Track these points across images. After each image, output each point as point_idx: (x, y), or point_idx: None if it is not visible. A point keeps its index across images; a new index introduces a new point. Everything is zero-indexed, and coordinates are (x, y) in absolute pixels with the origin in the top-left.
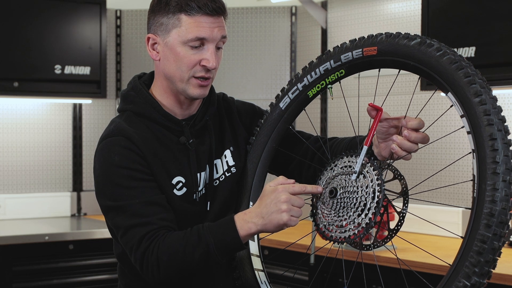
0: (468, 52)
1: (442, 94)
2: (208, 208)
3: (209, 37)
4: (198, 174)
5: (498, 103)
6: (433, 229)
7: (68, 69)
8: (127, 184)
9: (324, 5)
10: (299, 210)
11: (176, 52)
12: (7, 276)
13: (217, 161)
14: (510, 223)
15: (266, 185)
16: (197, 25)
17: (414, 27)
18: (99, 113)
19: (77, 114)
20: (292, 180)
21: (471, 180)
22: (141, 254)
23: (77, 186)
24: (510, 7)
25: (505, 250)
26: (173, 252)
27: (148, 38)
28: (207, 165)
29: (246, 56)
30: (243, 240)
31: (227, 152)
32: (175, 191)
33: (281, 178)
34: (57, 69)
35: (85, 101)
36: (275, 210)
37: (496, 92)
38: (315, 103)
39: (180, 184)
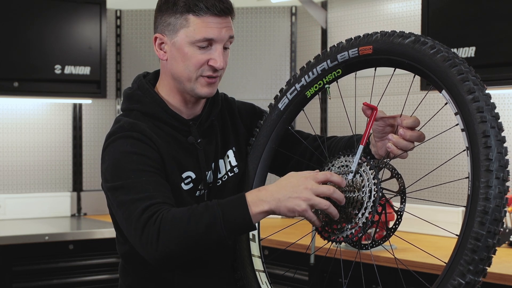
0: (468, 52)
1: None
2: None
3: (217, 37)
4: (207, 173)
5: (492, 100)
6: (433, 229)
7: (68, 69)
8: (135, 167)
9: (324, 5)
10: (324, 202)
11: (184, 52)
12: (7, 276)
13: (220, 161)
14: (505, 221)
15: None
16: (205, 26)
17: (414, 27)
18: (99, 113)
19: (77, 114)
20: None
21: (466, 178)
22: (142, 224)
23: (77, 186)
24: (510, 7)
25: (505, 250)
26: (177, 221)
27: (156, 38)
28: (213, 165)
29: (246, 56)
30: (253, 217)
31: (230, 153)
32: (182, 184)
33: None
34: (57, 69)
35: (85, 101)
36: (294, 197)
37: (496, 92)
38: (315, 103)
39: (189, 179)
